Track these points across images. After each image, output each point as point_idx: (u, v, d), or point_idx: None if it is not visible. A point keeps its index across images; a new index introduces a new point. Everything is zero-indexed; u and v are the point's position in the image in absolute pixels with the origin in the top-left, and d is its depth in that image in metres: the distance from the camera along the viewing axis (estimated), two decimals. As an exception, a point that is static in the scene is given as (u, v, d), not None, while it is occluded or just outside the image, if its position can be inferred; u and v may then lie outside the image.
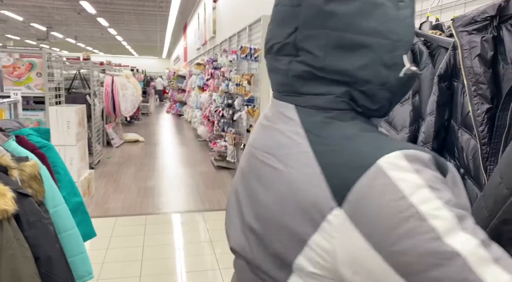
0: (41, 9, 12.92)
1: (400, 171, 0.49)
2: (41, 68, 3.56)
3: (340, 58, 0.56)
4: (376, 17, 0.56)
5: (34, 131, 1.74)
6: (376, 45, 0.56)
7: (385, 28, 0.56)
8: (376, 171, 0.50)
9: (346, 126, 0.57)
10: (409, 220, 0.47)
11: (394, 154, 0.50)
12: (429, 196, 0.48)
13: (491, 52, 1.03)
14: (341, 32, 0.56)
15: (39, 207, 1.25)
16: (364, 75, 0.56)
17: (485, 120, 1.01)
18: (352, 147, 0.53)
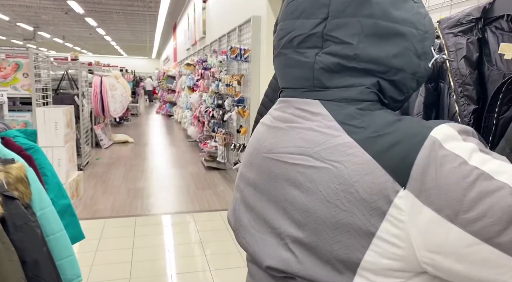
0: (27, 9, 12.74)
1: (452, 140, 0.51)
2: (27, 69, 3.51)
3: (374, 46, 0.56)
4: (406, 9, 0.58)
5: (20, 133, 1.71)
6: (409, 34, 0.57)
7: (416, 20, 0.58)
8: (430, 144, 0.50)
9: (382, 114, 0.57)
10: (476, 182, 0.47)
11: (442, 126, 0.52)
12: (485, 157, 0.51)
13: (477, 53, 1.05)
14: (376, 19, 0.56)
15: (25, 210, 1.23)
16: (397, 63, 0.57)
17: (472, 121, 1.03)
18: (398, 129, 0.53)
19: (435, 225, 0.48)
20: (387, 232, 0.51)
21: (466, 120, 1.03)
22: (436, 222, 0.48)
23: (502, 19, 1.02)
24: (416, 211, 0.49)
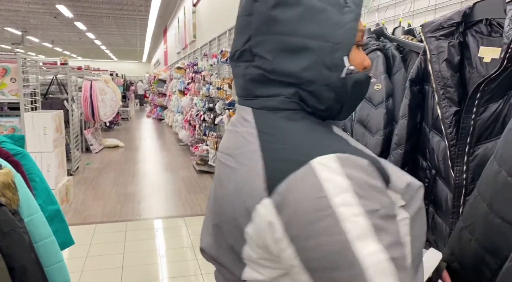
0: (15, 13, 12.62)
1: (330, 172, 0.53)
2: (15, 74, 3.48)
3: (286, 60, 0.61)
4: (318, 21, 0.60)
5: (8, 138, 1.70)
6: (317, 48, 0.59)
7: (326, 32, 0.59)
8: (308, 169, 0.53)
9: (293, 125, 0.61)
10: (325, 219, 0.51)
11: (329, 156, 0.54)
12: (351, 201, 0.51)
13: (458, 57, 1.07)
14: (285, 36, 0.60)
15: (13, 216, 1.22)
16: (308, 76, 0.60)
17: (453, 122, 1.05)
18: (294, 144, 0.58)
19: (280, 239, 0.54)
20: (251, 234, 0.57)
21: (448, 122, 1.06)
22: (282, 237, 0.54)
23: (481, 23, 1.05)
24: (271, 221, 0.54)
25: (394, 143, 1.27)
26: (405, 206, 0.58)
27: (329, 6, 0.60)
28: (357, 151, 0.57)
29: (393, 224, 0.54)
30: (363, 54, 0.66)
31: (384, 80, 1.37)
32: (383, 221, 0.52)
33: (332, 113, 0.65)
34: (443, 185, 1.14)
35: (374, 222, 0.51)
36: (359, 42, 0.64)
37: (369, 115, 1.39)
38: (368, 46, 1.45)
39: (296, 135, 0.60)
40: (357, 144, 0.63)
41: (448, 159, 1.07)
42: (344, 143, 0.60)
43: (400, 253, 0.52)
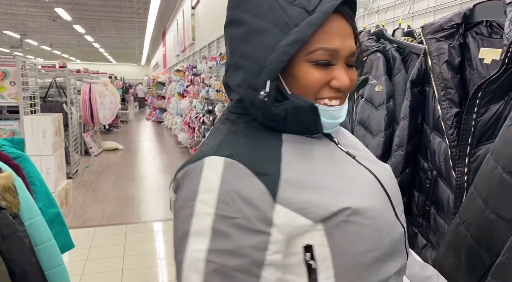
0: (14, 16, 12.63)
1: (211, 171, 0.59)
2: (14, 77, 3.48)
3: (230, 75, 0.68)
4: (254, 43, 0.62)
5: (7, 142, 1.69)
6: (246, 68, 0.63)
7: (258, 54, 0.61)
8: (199, 164, 0.61)
9: (226, 126, 0.69)
10: (187, 208, 0.59)
11: (220, 158, 0.60)
12: (210, 201, 0.57)
13: (458, 58, 1.08)
14: (230, 53, 0.67)
15: (13, 220, 1.22)
16: (239, 92, 0.67)
17: (454, 123, 1.05)
18: (211, 143, 0.65)
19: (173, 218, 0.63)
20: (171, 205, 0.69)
21: (449, 123, 1.06)
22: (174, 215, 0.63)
23: (482, 24, 1.05)
24: (172, 199, 0.66)
25: (395, 144, 1.27)
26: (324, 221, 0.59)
27: (273, 27, 0.61)
28: (260, 161, 0.61)
29: (244, 235, 0.56)
30: (329, 74, 0.64)
31: (385, 81, 1.37)
32: (232, 229, 0.56)
33: (276, 126, 0.67)
34: (444, 186, 1.14)
35: (218, 226, 0.56)
36: (319, 60, 0.62)
37: (370, 116, 1.39)
38: (368, 48, 1.45)
39: (219, 136, 0.67)
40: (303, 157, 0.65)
41: (449, 160, 1.07)
42: (254, 150, 0.63)
43: (231, 262, 0.55)
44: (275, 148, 0.64)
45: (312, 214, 0.59)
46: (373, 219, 0.62)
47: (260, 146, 0.64)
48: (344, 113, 0.69)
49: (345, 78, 0.64)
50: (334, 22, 0.62)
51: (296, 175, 0.61)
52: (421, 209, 1.24)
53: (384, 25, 1.57)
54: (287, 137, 0.67)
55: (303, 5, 0.60)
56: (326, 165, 0.66)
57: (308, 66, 0.62)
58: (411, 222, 1.29)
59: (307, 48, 0.61)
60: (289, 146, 0.66)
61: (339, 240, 0.60)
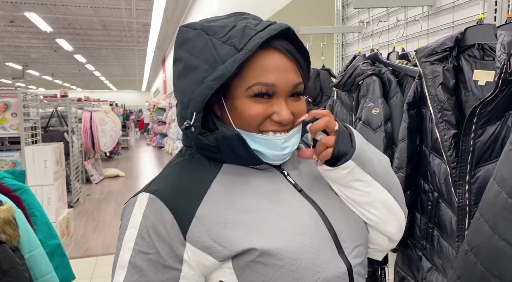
0: (16, 48, 12.87)
1: (138, 207, 0.64)
2: (16, 108, 3.52)
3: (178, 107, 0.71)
4: (187, 78, 0.67)
5: (8, 174, 1.70)
6: (180, 101, 0.68)
7: (189, 88, 0.66)
8: (134, 199, 0.66)
9: (173, 160, 0.74)
10: (118, 241, 0.65)
11: (147, 194, 0.65)
12: (132, 236, 0.62)
13: (453, 80, 1.09)
14: (174, 86, 0.71)
15: (13, 253, 1.21)
16: (178, 121, 0.70)
17: (453, 145, 1.05)
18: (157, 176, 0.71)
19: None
20: None
21: (447, 145, 1.06)
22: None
23: (474, 47, 1.07)
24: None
25: (395, 167, 1.27)
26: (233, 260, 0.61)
27: (204, 63, 0.65)
28: (179, 197, 0.64)
29: (157, 271, 0.60)
30: (269, 108, 0.66)
31: (382, 104, 1.38)
32: (145, 263, 0.60)
33: (215, 156, 0.70)
34: (446, 208, 1.13)
35: (135, 261, 0.61)
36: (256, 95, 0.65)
37: (368, 139, 1.40)
38: (364, 72, 1.47)
39: (163, 170, 0.72)
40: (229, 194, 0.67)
41: (449, 181, 1.07)
42: (181, 185, 0.66)
43: None
44: (206, 181, 0.67)
45: (217, 253, 0.60)
46: (290, 259, 0.60)
47: (191, 180, 0.67)
48: (291, 144, 0.69)
49: (285, 112, 0.66)
50: (270, 58, 0.65)
51: (211, 210, 0.63)
52: (424, 231, 1.23)
53: (378, 49, 1.60)
54: (225, 169, 0.70)
55: (233, 44, 0.64)
56: (255, 199, 0.66)
57: (248, 101, 0.66)
58: (415, 245, 1.28)
59: (245, 84, 0.65)
60: (222, 178, 0.68)
61: (250, 279, 0.60)
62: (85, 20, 9.41)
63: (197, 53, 0.66)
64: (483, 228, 0.80)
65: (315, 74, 2.03)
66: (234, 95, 0.66)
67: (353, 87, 1.53)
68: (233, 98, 0.67)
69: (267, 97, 0.66)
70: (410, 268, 1.29)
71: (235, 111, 0.67)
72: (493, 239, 0.76)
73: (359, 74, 1.48)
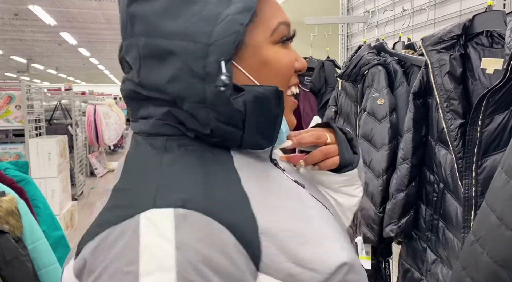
0: (21, 42, 12.89)
1: (156, 235, 0.37)
2: (20, 101, 3.52)
3: (152, 70, 0.47)
4: (185, 15, 0.45)
5: (11, 165, 1.70)
6: (181, 51, 0.44)
7: (194, 29, 0.45)
8: (130, 225, 0.39)
9: (155, 158, 0.46)
10: None
11: (164, 211, 0.39)
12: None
13: (460, 69, 1.07)
14: (146, 37, 0.46)
15: (16, 244, 1.21)
16: (174, 90, 0.45)
17: (459, 135, 1.04)
18: (137, 185, 0.43)
19: None
20: None
21: (453, 135, 1.04)
22: None
23: (482, 35, 1.05)
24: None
25: (400, 157, 1.25)
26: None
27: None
28: (230, 205, 0.41)
29: None
30: (292, 53, 0.53)
31: (387, 94, 1.36)
32: None
33: (228, 140, 0.47)
34: (452, 199, 1.11)
35: None
36: (283, 37, 0.51)
37: (373, 130, 1.38)
38: (369, 62, 1.45)
39: (147, 172, 0.44)
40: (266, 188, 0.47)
41: (456, 172, 1.06)
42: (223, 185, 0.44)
43: None
44: (233, 178, 0.45)
45: (308, 280, 0.42)
46: (361, 274, 0.48)
47: (215, 179, 0.44)
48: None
49: (301, 58, 0.55)
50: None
51: (270, 220, 0.43)
52: (429, 223, 1.21)
53: (384, 39, 1.57)
54: (237, 159, 0.49)
55: None
56: (294, 200, 0.50)
57: (277, 48, 0.50)
58: (419, 236, 1.26)
59: (267, 26, 0.49)
60: (243, 172, 0.47)
61: None
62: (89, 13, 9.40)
63: None
64: (490, 218, 0.78)
65: (320, 65, 2.01)
66: (254, 44, 0.48)
67: (358, 77, 1.51)
68: (254, 48, 0.48)
69: (290, 39, 0.52)
70: (414, 260, 1.28)
71: (262, 66, 0.49)
72: (500, 229, 0.74)
73: (364, 64, 1.46)
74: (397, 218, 1.25)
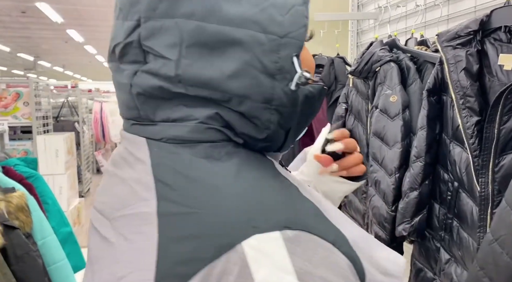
0: (28, 39, 12.96)
1: (272, 269, 0.31)
2: (28, 98, 3.54)
3: (201, 61, 0.38)
4: (252, 1, 0.38)
5: (21, 161, 1.70)
6: (250, 41, 0.37)
7: (264, 16, 0.38)
8: (233, 260, 0.31)
9: (214, 169, 0.38)
10: None
11: (271, 235, 0.32)
12: None
13: (477, 65, 1.05)
14: (198, 21, 0.38)
15: (26, 239, 1.21)
16: (237, 87, 0.38)
17: (475, 132, 1.02)
18: (211, 207, 0.34)
19: None
20: None
21: (469, 132, 1.02)
22: None
23: (500, 30, 1.03)
24: None
25: (413, 155, 1.23)
26: None
27: None
28: (319, 216, 0.37)
29: None
30: (310, 54, 0.50)
31: (400, 91, 1.35)
32: None
33: (274, 144, 0.42)
34: (467, 198, 1.10)
35: None
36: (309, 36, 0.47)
37: (386, 127, 1.37)
38: (381, 58, 1.43)
39: (217, 189, 0.36)
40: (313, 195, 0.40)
41: (471, 170, 1.04)
42: (299, 198, 0.38)
43: None
44: (294, 187, 0.40)
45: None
46: None
47: (289, 191, 0.39)
48: None
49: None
50: None
51: (342, 227, 0.38)
52: (442, 222, 1.20)
53: (396, 35, 1.55)
54: (274, 163, 0.43)
55: None
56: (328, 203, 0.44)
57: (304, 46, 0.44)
58: (433, 236, 1.24)
59: None
60: (285, 174, 0.42)
61: None
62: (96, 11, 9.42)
63: None
64: (510, 217, 0.77)
65: (330, 62, 1.99)
66: None
67: (369, 74, 1.49)
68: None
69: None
70: (427, 260, 1.26)
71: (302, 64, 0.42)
72: None
73: (376, 61, 1.44)
74: (410, 217, 1.23)
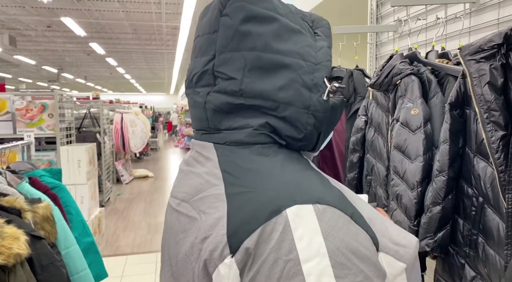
0: (52, 53, 13.37)
1: (305, 228, 0.44)
2: (52, 109, 3.64)
3: (258, 79, 0.54)
4: (293, 41, 0.56)
5: (46, 172, 1.75)
6: (295, 65, 0.54)
7: (303, 51, 0.55)
8: (281, 221, 0.44)
9: (265, 162, 0.52)
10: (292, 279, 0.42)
11: (306, 206, 0.45)
12: (327, 271, 0.42)
13: (501, 79, 1.03)
14: (258, 52, 0.54)
15: (51, 249, 1.24)
16: (284, 96, 0.54)
17: (501, 147, 1.00)
18: (264, 187, 0.49)
19: None
20: None
21: (494, 147, 1.01)
22: None
23: (525, 44, 1.01)
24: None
25: (436, 169, 1.21)
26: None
27: (301, 29, 0.58)
28: (343, 199, 0.49)
29: None
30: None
31: (421, 104, 1.33)
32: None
33: (309, 144, 0.57)
34: (492, 214, 1.07)
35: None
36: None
37: (407, 140, 1.35)
38: (401, 71, 1.42)
39: (268, 175, 0.50)
40: (340, 187, 0.54)
41: (497, 186, 1.01)
42: (327, 185, 0.51)
43: None
44: (326, 177, 0.54)
45: (405, 256, 0.50)
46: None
47: (321, 179, 0.52)
48: None
49: None
50: None
51: (360, 208, 0.51)
52: (467, 238, 1.17)
53: (416, 48, 1.54)
54: (309, 161, 0.59)
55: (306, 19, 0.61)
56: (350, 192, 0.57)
57: None
58: (457, 252, 1.22)
59: None
60: (318, 170, 0.56)
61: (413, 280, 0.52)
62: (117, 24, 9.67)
63: (287, 15, 0.57)
64: None
65: (349, 74, 1.99)
66: None
67: (390, 87, 1.48)
68: None
69: None
70: (451, 276, 1.23)
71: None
72: None
73: (397, 74, 1.43)
74: (433, 232, 1.21)
